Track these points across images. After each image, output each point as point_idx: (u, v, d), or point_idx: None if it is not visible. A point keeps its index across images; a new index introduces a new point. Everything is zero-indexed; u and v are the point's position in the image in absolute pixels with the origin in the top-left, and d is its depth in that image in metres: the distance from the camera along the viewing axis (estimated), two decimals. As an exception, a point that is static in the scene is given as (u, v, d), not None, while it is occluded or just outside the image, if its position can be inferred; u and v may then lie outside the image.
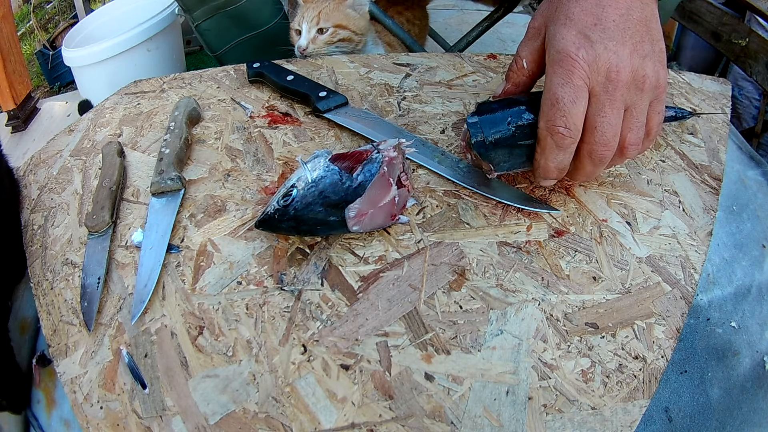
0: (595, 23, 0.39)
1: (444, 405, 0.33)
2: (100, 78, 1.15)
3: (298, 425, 0.33)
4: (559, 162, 0.40)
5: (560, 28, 0.40)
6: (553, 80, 0.39)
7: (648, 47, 0.40)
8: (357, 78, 0.61)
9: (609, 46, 0.38)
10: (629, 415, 0.33)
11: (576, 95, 0.38)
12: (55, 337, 0.39)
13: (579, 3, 0.40)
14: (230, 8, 0.81)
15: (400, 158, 0.42)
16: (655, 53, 0.40)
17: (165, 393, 0.35)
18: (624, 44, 0.39)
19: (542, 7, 0.44)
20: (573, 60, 0.38)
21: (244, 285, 0.40)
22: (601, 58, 0.38)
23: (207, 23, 0.82)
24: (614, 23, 0.39)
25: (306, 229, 0.41)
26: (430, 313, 0.37)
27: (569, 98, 0.38)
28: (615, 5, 0.40)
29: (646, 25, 0.40)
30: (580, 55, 0.38)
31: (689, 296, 0.39)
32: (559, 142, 0.39)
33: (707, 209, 0.45)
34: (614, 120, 0.39)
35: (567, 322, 0.37)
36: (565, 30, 0.40)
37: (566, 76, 0.38)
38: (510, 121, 0.41)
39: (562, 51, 0.39)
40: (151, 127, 0.57)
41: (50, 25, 2.14)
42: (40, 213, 0.50)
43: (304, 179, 0.40)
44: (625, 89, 0.39)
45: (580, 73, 0.38)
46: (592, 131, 0.39)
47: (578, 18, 0.40)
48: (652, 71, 0.39)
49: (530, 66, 0.43)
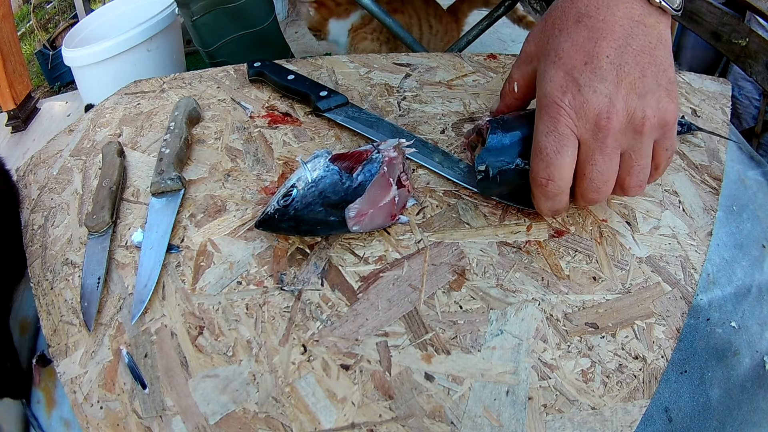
0: (585, 62, 0.36)
1: (444, 405, 0.33)
2: (100, 78, 1.15)
3: (298, 425, 0.33)
4: (551, 207, 0.39)
5: (549, 67, 0.37)
6: (539, 127, 0.37)
7: (651, 81, 0.36)
8: (357, 78, 0.61)
9: (599, 89, 0.35)
10: (629, 415, 0.33)
11: (561, 145, 0.36)
12: (55, 337, 0.39)
13: (570, 36, 0.37)
14: (230, 5, 0.81)
15: (400, 158, 0.42)
16: (661, 86, 0.36)
17: (165, 393, 0.35)
18: (618, 84, 0.35)
19: (536, 32, 0.40)
20: (558, 107, 0.36)
21: (244, 285, 0.40)
22: (590, 104, 0.35)
23: (205, 18, 0.82)
24: (608, 60, 0.35)
25: (306, 229, 0.41)
26: (430, 313, 0.37)
27: (553, 149, 0.36)
28: (611, 36, 0.36)
29: (651, 54, 0.36)
30: (566, 102, 0.36)
31: (689, 296, 0.39)
32: (544, 193, 0.38)
33: (707, 209, 0.45)
34: (605, 167, 0.36)
35: (567, 322, 0.37)
36: (553, 70, 0.37)
37: (551, 124, 0.36)
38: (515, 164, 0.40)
39: (548, 96, 0.36)
40: (151, 127, 0.57)
41: (50, 25, 2.14)
42: (40, 213, 0.50)
43: (304, 179, 0.40)
44: (619, 135, 0.36)
45: (566, 121, 0.36)
46: (583, 178, 0.37)
47: (567, 56, 0.36)
48: (654, 110, 0.36)
49: (521, 90, 0.42)
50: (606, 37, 0.36)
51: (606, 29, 0.36)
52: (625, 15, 0.36)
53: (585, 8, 0.37)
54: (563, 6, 0.38)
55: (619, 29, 0.36)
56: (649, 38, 0.36)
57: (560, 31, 0.38)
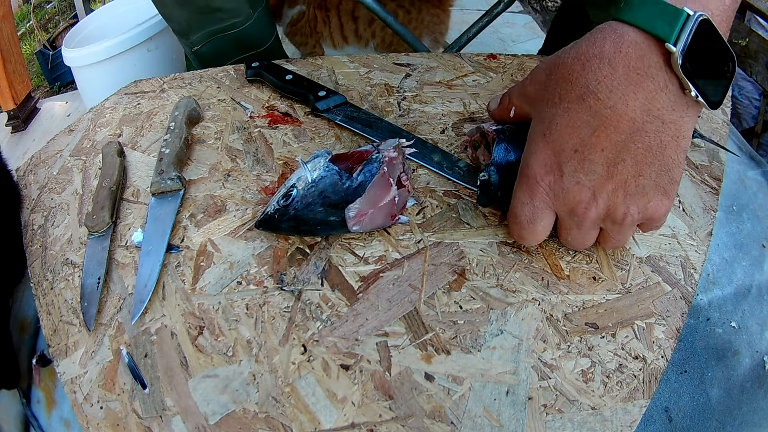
0: (575, 149, 0.32)
1: (444, 405, 0.33)
2: (100, 78, 1.15)
3: (298, 425, 0.33)
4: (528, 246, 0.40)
5: (538, 136, 0.34)
6: (516, 194, 0.36)
7: (647, 182, 0.32)
8: (357, 78, 0.61)
9: (583, 181, 0.33)
10: (629, 415, 0.33)
11: (535, 216, 0.35)
12: (55, 337, 0.39)
13: (569, 112, 0.32)
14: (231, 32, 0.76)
15: (400, 158, 0.42)
16: (659, 186, 0.32)
17: (165, 393, 0.35)
18: (607, 180, 0.32)
19: (541, 75, 0.36)
20: (537, 184, 0.34)
21: (244, 285, 0.40)
22: (569, 193, 0.33)
23: (205, 47, 0.77)
24: (602, 154, 0.32)
25: (306, 229, 0.41)
26: (430, 313, 0.37)
27: (527, 219, 0.36)
28: (614, 129, 0.31)
29: (658, 154, 0.31)
30: (546, 182, 0.34)
31: (689, 296, 0.39)
32: (520, 242, 0.39)
33: (707, 209, 0.45)
34: (581, 239, 0.36)
35: (567, 322, 0.37)
36: (542, 143, 0.34)
37: (529, 196, 0.35)
38: None
39: (530, 168, 0.35)
40: (151, 127, 0.57)
41: (50, 25, 2.13)
42: (40, 213, 0.50)
43: (304, 179, 0.40)
44: (597, 221, 0.34)
45: (543, 197, 0.34)
46: (560, 235, 0.37)
47: (559, 135, 0.33)
48: (640, 208, 0.33)
49: (517, 116, 0.40)
50: (607, 129, 0.31)
51: (611, 119, 0.31)
52: (641, 106, 0.31)
53: (595, 85, 0.32)
54: (572, 69, 0.33)
55: (627, 123, 0.31)
56: (661, 137, 0.31)
57: (560, 99, 0.33)
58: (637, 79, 0.31)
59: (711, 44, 0.31)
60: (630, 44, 0.31)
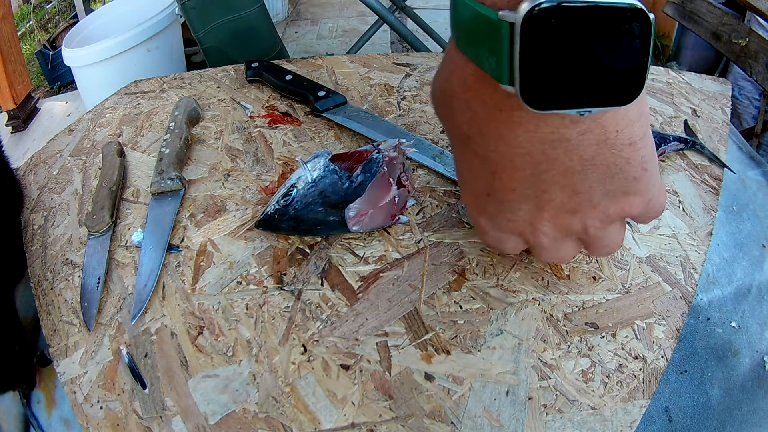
0: (488, 193, 0.30)
1: (444, 405, 0.33)
2: (100, 78, 1.15)
3: (298, 425, 0.33)
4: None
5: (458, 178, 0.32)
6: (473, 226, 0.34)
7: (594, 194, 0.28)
8: (357, 78, 0.61)
9: (513, 218, 0.30)
10: (629, 415, 0.33)
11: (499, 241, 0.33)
12: (55, 337, 0.39)
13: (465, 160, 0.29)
14: None
15: (400, 158, 0.42)
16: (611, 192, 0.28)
17: (165, 393, 0.35)
18: (540, 209, 0.29)
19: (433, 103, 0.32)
20: (479, 222, 0.33)
21: (244, 285, 0.40)
22: (508, 228, 0.31)
23: (193, 2, 0.91)
24: (516, 193, 0.28)
25: (306, 229, 0.41)
26: (430, 313, 0.37)
27: (493, 244, 0.34)
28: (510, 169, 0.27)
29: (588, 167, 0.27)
30: (482, 221, 0.32)
31: (689, 296, 0.39)
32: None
33: (707, 209, 0.45)
34: (555, 256, 0.33)
35: (567, 322, 0.37)
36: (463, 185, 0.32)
37: (480, 233, 0.34)
38: None
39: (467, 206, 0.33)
40: (151, 127, 0.57)
41: (50, 25, 2.14)
42: (40, 213, 0.50)
43: (304, 179, 0.40)
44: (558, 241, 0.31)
45: (492, 233, 0.32)
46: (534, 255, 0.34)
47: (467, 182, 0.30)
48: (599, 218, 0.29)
49: None
50: (504, 171, 0.27)
51: (501, 162, 0.27)
52: (528, 139, 0.26)
53: (467, 130, 0.28)
54: (444, 108, 0.30)
55: (521, 160, 0.27)
56: (580, 152, 0.26)
57: (452, 139, 0.31)
58: (501, 116, 0.26)
59: (563, 25, 0.21)
60: (475, 79, 0.26)
